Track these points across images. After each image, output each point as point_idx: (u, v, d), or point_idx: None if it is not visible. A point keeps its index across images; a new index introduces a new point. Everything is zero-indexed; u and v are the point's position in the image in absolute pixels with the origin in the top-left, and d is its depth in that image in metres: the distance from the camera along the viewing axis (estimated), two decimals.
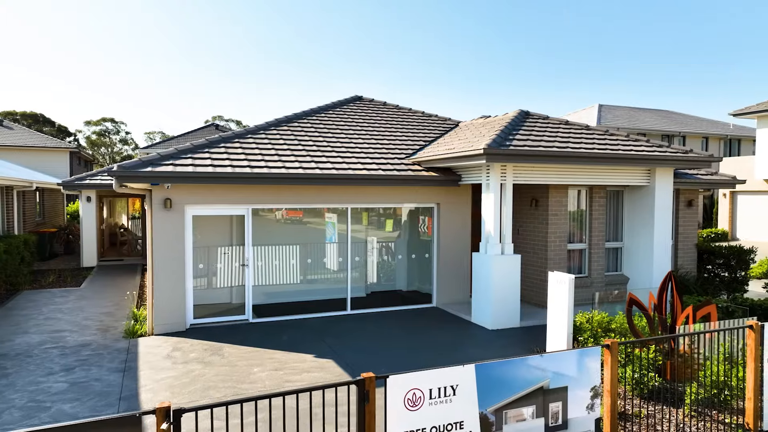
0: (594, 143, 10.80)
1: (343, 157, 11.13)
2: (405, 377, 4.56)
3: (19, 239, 15.27)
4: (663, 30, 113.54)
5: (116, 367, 7.85)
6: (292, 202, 10.52)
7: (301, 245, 11.00)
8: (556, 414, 5.18)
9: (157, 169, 9.02)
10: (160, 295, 9.56)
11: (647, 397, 6.92)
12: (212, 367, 7.89)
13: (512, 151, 9.41)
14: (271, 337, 9.37)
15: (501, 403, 4.91)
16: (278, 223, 10.93)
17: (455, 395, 4.72)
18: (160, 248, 9.52)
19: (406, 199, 11.44)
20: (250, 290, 10.43)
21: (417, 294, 12.06)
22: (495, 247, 10.03)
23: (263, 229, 10.65)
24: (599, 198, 11.72)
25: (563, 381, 5.20)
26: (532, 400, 5.05)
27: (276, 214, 10.88)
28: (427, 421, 4.61)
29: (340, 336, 9.46)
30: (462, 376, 4.75)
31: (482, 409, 4.83)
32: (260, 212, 10.62)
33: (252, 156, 10.37)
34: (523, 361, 5.02)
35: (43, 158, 34.49)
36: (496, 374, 4.91)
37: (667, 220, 11.40)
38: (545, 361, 5.13)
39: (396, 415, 4.48)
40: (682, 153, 11.19)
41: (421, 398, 4.59)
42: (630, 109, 42.51)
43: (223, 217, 10.31)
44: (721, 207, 28.58)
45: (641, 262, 11.64)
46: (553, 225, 11.20)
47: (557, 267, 11.28)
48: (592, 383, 5.33)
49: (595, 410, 5.34)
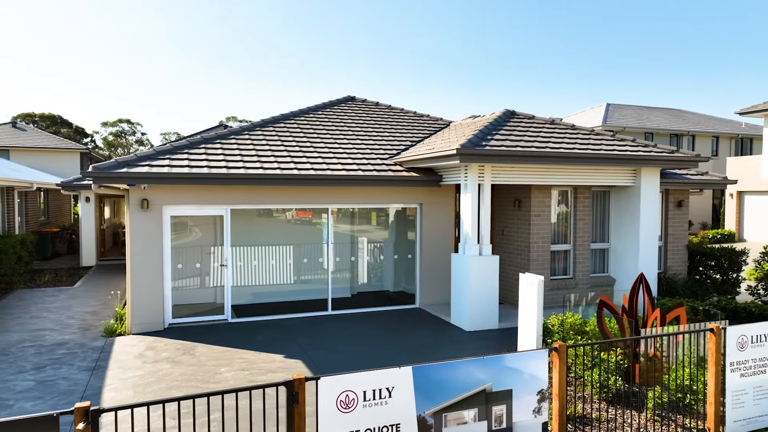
0: (576, 143, 10.67)
1: (324, 158, 11.14)
2: (338, 379, 4.54)
3: (16, 239, 15.52)
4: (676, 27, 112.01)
5: (86, 366, 7.94)
6: (272, 203, 10.55)
7: (282, 246, 11.02)
8: (499, 417, 5.12)
9: (132, 170, 9.11)
10: (138, 294, 9.65)
11: (611, 401, 6.82)
12: (181, 366, 7.94)
13: (487, 152, 9.33)
14: (247, 338, 9.41)
15: (440, 405, 4.87)
16: (259, 223, 10.96)
17: (391, 397, 4.69)
18: (137, 248, 9.61)
19: (388, 199, 11.42)
20: (229, 290, 10.48)
21: (403, 295, 12.03)
22: (473, 248, 9.96)
23: (244, 229, 10.70)
24: (584, 198, 11.58)
25: (507, 384, 5.14)
26: (474, 403, 5.00)
27: (257, 213, 10.93)
28: (362, 423, 4.58)
29: (315, 336, 9.47)
30: (398, 378, 4.72)
31: (420, 411, 4.79)
32: (241, 212, 10.66)
33: (230, 157, 10.42)
34: (463, 363, 4.97)
35: (54, 159, 35.10)
36: (436, 377, 4.87)
37: (654, 220, 11.23)
38: (488, 364, 5.07)
39: (328, 417, 4.46)
40: (667, 153, 11.01)
41: (354, 400, 4.56)
42: (639, 108, 41.98)
43: (202, 218, 10.37)
44: (728, 208, 28.10)
45: (627, 263, 11.48)
46: (536, 226, 11.09)
47: (540, 268, 11.17)
48: (539, 387, 5.26)
49: (543, 414, 5.27)
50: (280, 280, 11.03)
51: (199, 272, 10.38)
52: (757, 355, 6.34)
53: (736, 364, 6.21)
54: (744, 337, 6.27)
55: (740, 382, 6.24)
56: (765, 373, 6.40)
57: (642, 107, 42.27)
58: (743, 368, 6.26)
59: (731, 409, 6.18)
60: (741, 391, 6.26)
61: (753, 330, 6.32)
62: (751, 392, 6.32)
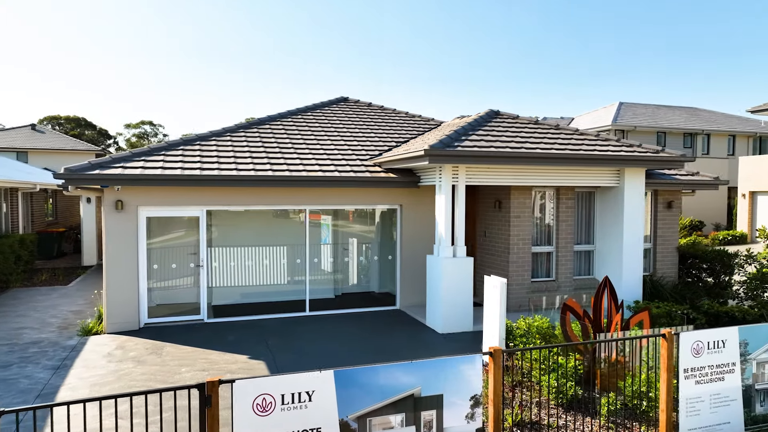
0: (556, 143, 10.48)
1: (302, 159, 11.13)
2: (254, 382, 4.51)
3: (14, 239, 15.85)
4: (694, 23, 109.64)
5: (53, 364, 8.05)
6: (248, 204, 10.58)
7: (259, 247, 11.05)
8: (429, 423, 5.03)
9: (104, 171, 9.22)
10: (113, 294, 9.76)
11: (568, 407, 6.66)
12: (144, 366, 8.00)
13: (458, 152, 9.22)
14: (218, 338, 9.44)
15: (365, 410, 4.81)
16: (236, 224, 11.00)
17: (311, 401, 4.65)
18: (112, 249, 9.72)
19: (367, 200, 11.37)
20: (205, 291, 10.54)
21: (389, 296, 11.95)
22: (446, 249, 9.86)
23: (220, 230, 10.75)
24: (567, 199, 11.37)
25: (438, 389, 5.05)
26: (402, 407, 4.93)
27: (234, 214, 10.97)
28: (280, 427, 4.54)
29: (287, 338, 9.46)
30: (319, 382, 4.67)
31: (343, 416, 4.73)
32: (218, 213, 10.72)
33: (207, 158, 10.48)
34: (390, 367, 4.90)
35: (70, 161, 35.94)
36: (360, 380, 4.81)
37: (638, 222, 10.97)
38: (416, 368, 4.99)
39: (244, 420, 4.43)
40: (652, 153, 10.76)
41: (272, 404, 4.53)
42: (653, 107, 41.16)
43: (179, 218, 10.45)
44: (740, 208, 27.38)
45: (612, 265, 11.24)
46: (516, 227, 10.93)
47: (520, 270, 11.01)
48: (472, 392, 5.16)
49: (476, 420, 5.17)
50: (258, 281, 11.06)
51: (175, 273, 10.47)
52: (714, 361, 6.13)
53: (690, 371, 6.02)
54: (699, 343, 6.07)
55: (695, 389, 6.05)
56: (723, 380, 6.19)
57: (656, 106, 41.44)
58: (699, 375, 6.06)
59: (685, 417, 5.99)
60: (696, 398, 6.06)
61: (710, 336, 6.13)
62: (707, 400, 6.12)
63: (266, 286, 11.10)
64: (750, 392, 6.33)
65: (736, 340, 6.24)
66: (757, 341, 6.35)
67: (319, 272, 11.46)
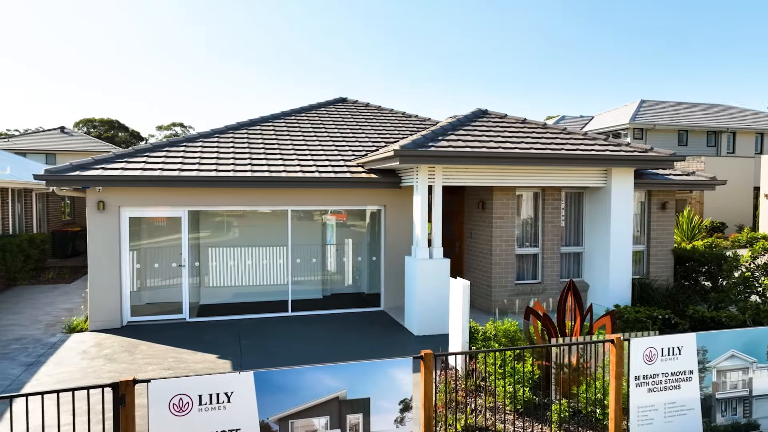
0: (538, 143, 10.28)
1: (285, 160, 11.18)
2: (170, 382, 4.54)
3: (23, 238, 16.38)
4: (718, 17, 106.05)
5: (27, 361, 8.28)
6: (230, 204, 10.69)
7: (243, 247, 11.15)
8: (355, 426, 4.99)
9: (84, 173, 9.43)
10: (96, 293, 9.98)
11: (524, 413, 6.52)
12: (114, 364, 8.16)
13: (430, 153, 9.12)
14: (194, 337, 9.56)
15: (286, 412, 4.80)
16: (219, 225, 11.13)
17: (230, 402, 4.66)
18: (94, 248, 9.94)
19: (350, 201, 11.35)
20: (187, 290, 10.69)
21: (376, 297, 11.90)
22: (423, 250, 9.77)
23: (203, 230, 10.88)
24: (553, 200, 11.13)
25: (364, 392, 5.00)
26: (326, 410, 4.89)
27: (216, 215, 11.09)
28: (197, 427, 4.57)
29: (262, 338, 9.52)
30: (238, 383, 4.68)
31: (264, 417, 4.73)
32: (201, 214, 10.86)
33: (189, 160, 10.62)
34: (314, 370, 4.88)
35: None
36: (282, 382, 4.80)
37: (626, 223, 10.68)
38: (343, 371, 4.95)
39: (160, 420, 4.47)
40: (639, 152, 10.45)
41: (189, 404, 4.55)
42: (675, 104, 40.00)
43: (161, 219, 10.62)
44: (763, 209, 26.38)
45: (600, 268, 10.97)
46: (498, 228, 10.75)
47: (504, 272, 10.83)
48: (402, 396, 5.10)
49: (406, 424, 5.10)
50: (241, 281, 11.17)
51: (158, 272, 10.64)
52: (669, 369, 5.92)
53: (642, 378, 5.82)
54: (652, 349, 5.87)
55: (648, 397, 5.85)
56: (680, 389, 5.97)
57: (679, 103, 40.25)
58: (652, 383, 5.86)
59: (637, 426, 5.80)
60: (649, 406, 5.86)
61: (664, 342, 5.91)
62: (661, 408, 5.91)
63: (249, 286, 11.19)
64: (710, 401, 6.09)
65: (693, 347, 6.01)
66: (716, 348, 6.10)
67: (303, 273, 11.50)
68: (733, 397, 6.20)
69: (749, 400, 6.25)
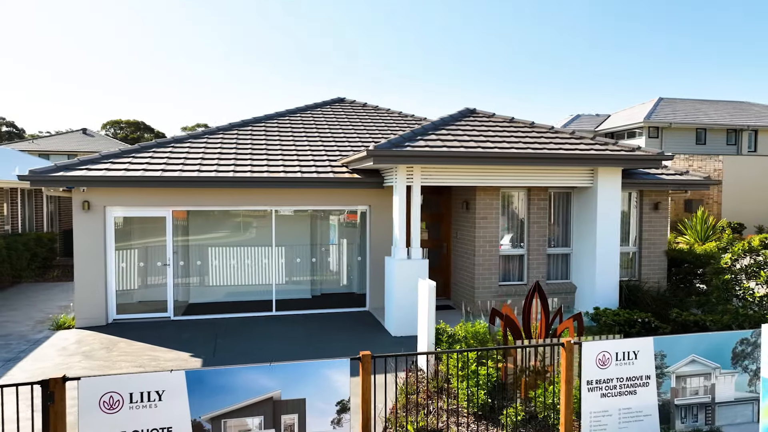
0: (521, 142, 10.14)
1: (269, 161, 11.24)
2: (102, 380, 4.60)
3: (29, 237, 16.84)
4: None
5: (7, 357, 8.49)
6: (213, 205, 10.80)
7: (228, 247, 11.26)
8: (290, 426, 4.99)
9: (68, 173, 9.63)
10: (81, 291, 10.19)
11: (483, 416, 6.44)
12: (89, 361, 8.32)
13: (405, 153, 9.07)
14: (174, 336, 9.68)
15: (219, 411, 4.82)
16: (204, 224, 11.24)
17: (161, 401, 4.69)
18: (80, 247, 10.15)
19: (334, 201, 11.36)
20: (171, 289, 10.83)
21: (364, 297, 11.89)
22: (401, 251, 9.72)
23: (188, 230, 11.02)
24: (539, 200, 10.96)
25: (300, 393, 5.00)
26: (260, 410, 4.91)
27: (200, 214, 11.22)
28: (128, 425, 4.61)
29: (240, 337, 9.59)
30: (169, 382, 4.71)
31: (196, 416, 4.76)
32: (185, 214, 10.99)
33: (173, 160, 10.76)
34: (247, 369, 4.89)
35: None
36: (215, 382, 4.82)
37: (613, 224, 10.45)
38: (277, 371, 4.96)
39: (90, 418, 4.53)
40: (626, 151, 10.22)
41: (119, 402, 4.60)
42: (694, 101, 38.99)
43: (147, 218, 10.78)
44: None
45: (587, 269, 10.76)
46: (482, 228, 10.63)
47: (488, 273, 10.70)
48: (339, 397, 5.08)
49: (343, 426, 5.08)
50: (226, 281, 11.28)
51: (143, 271, 10.81)
52: (624, 374, 5.77)
53: (595, 383, 5.69)
54: (606, 354, 5.73)
55: (602, 402, 5.71)
56: (636, 394, 5.82)
57: (699, 100, 39.23)
58: (605, 387, 5.72)
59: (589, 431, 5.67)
60: (603, 412, 5.73)
61: (619, 347, 5.77)
62: (615, 414, 5.77)
63: (235, 285, 11.30)
64: (668, 408, 5.92)
65: (650, 352, 5.85)
66: (675, 353, 5.93)
67: (289, 273, 11.55)
68: (694, 404, 6.02)
69: (712, 406, 6.06)
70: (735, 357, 6.13)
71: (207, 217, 11.20)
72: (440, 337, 7.50)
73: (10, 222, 18.06)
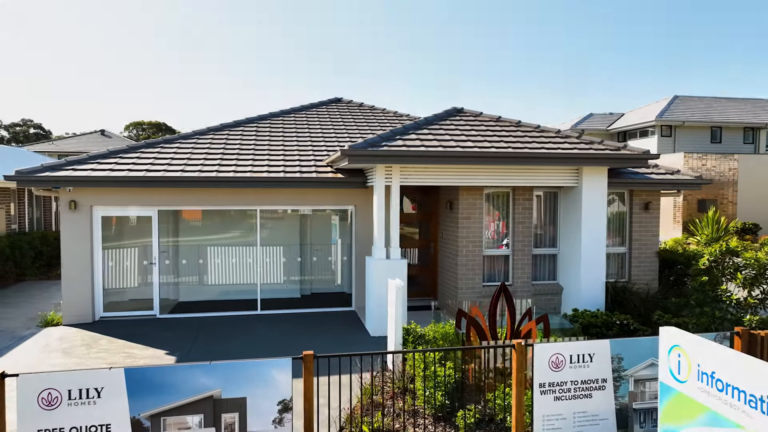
0: (502, 141, 10.02)
1: (255, 161, 11.30)
2: (40, 376, 4.67)
3: (34, 236, 17.24)
4: None
5: None
6: (198, 204, 10.90)
7: (213, 246, 11.36)
8: (231, 425, 5.00)
9: (53, 173, 9.82)
10: (69, 289, 10.38)
11: (442, 417, 6.38)
12: (67, 357, 8.47)
13: (380, 152, 9.03)
14: (155, 333, 9.79)
15: (158, 409, 4.86)
16: (190, 224, 11.36)
17: (100, 398, 4.74)
18: (67, 246, 10.34)
19: (319, 201, 11.37)
20: (157, 288, 10.97)
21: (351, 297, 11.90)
22: (380, 251, 9.69)
23: (174, 229, 11.15)
24: (524, 200, 10.82)
25: (241, 392, 5.01)
26: (199, 408, 4.93)
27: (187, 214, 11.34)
28: (66, 421, 4.68)
29: (218, 336, 9.65)
30: (108, 379, 4.76)
31: (135, 413, 4.81)
32: (172, 213, 11.12)
33: (160, 160, 10.89)
34: (187, 368, 4.92)
35: None
36: (154, 379, 4.86)
37: (598, 224, 10.27)
38: (218, 370, 4.98)
39: (28, 414, 4.61)
40: (611, 150, 10.04)
41: (58, 398, 4.67)
42: (710, 99, 38.10)
43: (134, 218, 10.94)
44: None
45: (573, 270, 10.59)
46: (465, 229, 10.54)
47: (471, 273, 10.61)
48: (281, 396, 5.08)
49: (285, 425, 5.08)
50: (214, 280, 11.38)
51: (130, 270, 10.97)
52: (579, 377, 5.66)
53: (548, 386, 5.58)
54: (560, 356, 5.62)
55: (555, 405, 5.61)
56: (591, 398, 5.70)
57: (715, 98, 38.33)
58: (559, 390, 5.62)
59: None
60: (557, 415, 5.62)
61: (573, 349, 5.66)
62: (570, 417, 5.66)
63: (222, 285, 11.39)
64: (626, 412, 5.79)
65: (607, 355, 5.73)
66: (634, 356, 5.79)
67: (275, 272, 11.60)
68: (653, 408, 5.87)
69: None
70: None
71: (193, 216, 11.31)
72: (407, 338, 7.45)
73: (17, 221, 18.52)
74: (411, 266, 12.02)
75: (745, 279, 7.71)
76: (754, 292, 7.77)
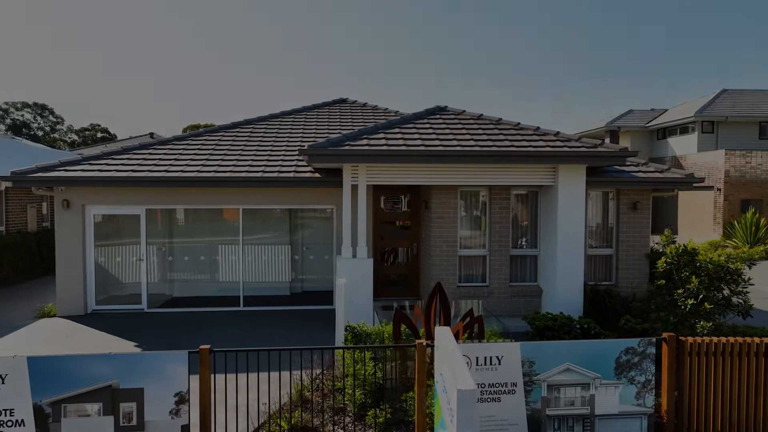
0: (471, 140, 9.86)
1: (239, 161, 11.60)
2: None
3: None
4: None
5: None
6: (184, 203, 11.32)
7: (199, 243, 11.76)
8: (129, 414, 5.22)
9: (46, 174, 10.46)
10: (63, 283, 11.03)
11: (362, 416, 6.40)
12: (48, 346, 9.03)
13: (341, 152, 9.09)
14: (136, 327, 10.26)
15: (59, 396, 5.14)
16: (179, 222, 11.81)
17: (4, 383, 5.07)
18: (61, 242, 10.99)
19: (300, 200, 11.55)
20: (145, 283, 11.47)
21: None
22: (347, 249, 9.76)
23: (163, 227, 11.62)
24: (501, 200, 10.60)
25: (138, 383, 5.22)
26: (99, 397, 5.18)
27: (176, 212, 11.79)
28: None
29: (195, 329, 10.02)
30: (12, 366, 5.08)
31: (37, 399, 5.11)
32: (161, 211, 11.60)
33: (149, 161, 11.38)
34: (85, 358, 5.18)
35: None
36: (55, 368, 5.14)
37: (575, 224, 9.92)
38: (116, 360, 5.21)
39: None
40: (587, 147, 9.69)
41: None
42: (760, 93, 35.62)
43: (124, 216, 11.49)
44: None
45: (551, 272, 10.29)
46: (438, 228, 10.44)
47: (445, 274, 10.49)
48: (178, 389, 5.26)
49: (181, 416, 5.26)
50: (199, 276, 11.80)
51: (121, 265, 11.53)
52: (486, 379, 5.55)
53: None
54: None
55: None
56: (500, 401, 5.58)
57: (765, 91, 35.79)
58: None
59: None
60: None
61: (480, 351, 5.56)
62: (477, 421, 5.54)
63: (205, 282, 11.79)
64: (539, 417, 5.62)
65: (517, 358, 5.59)
66: (546, 361, 5.62)
67: (256, 269, 11.88)
68: (569, 415, 5.67)
69: (590, 418, 5.69)
70: (619, 367, 5.72)
71: (180, 214, 11.75)
72: (347, 336, 7.49)
73: (49, 219, 19.79)
74: (394, 266, 12.02)
75: (700, 284, 7.24)
76: (712, 296, 7.24)
